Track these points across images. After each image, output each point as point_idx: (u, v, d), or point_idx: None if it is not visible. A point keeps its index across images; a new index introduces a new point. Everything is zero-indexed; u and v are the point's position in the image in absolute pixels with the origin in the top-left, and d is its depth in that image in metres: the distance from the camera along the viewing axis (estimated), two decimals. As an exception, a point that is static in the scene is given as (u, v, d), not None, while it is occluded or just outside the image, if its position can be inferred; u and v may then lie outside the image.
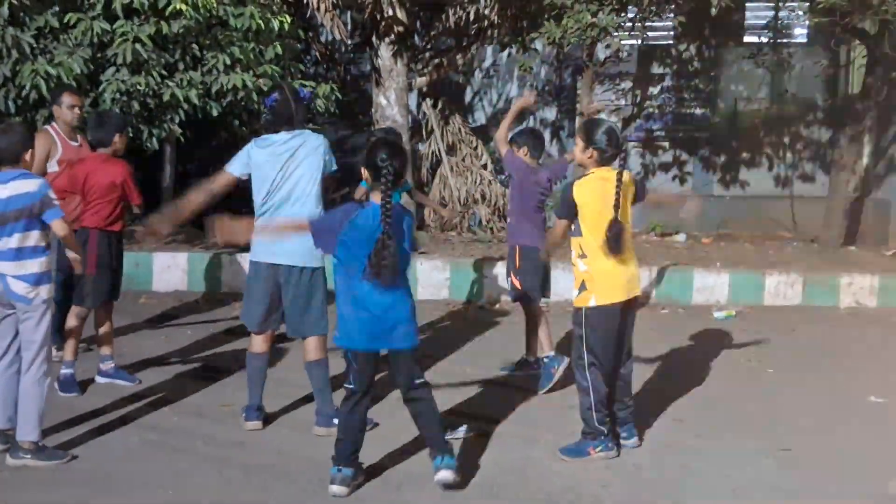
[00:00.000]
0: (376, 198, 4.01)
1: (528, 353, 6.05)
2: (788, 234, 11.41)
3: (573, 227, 4.58)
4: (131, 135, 7.52)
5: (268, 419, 4.97)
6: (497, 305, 8.31)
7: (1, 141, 4.26)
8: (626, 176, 4.57)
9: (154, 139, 7.69)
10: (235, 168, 4.88)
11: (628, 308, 4.64)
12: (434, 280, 8.44)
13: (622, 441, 4.72)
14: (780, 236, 11.38)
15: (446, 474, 4.05)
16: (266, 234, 4.66)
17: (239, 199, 5.28)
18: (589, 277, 4.53)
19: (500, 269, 8.43)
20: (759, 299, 8.60)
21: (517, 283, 5.83)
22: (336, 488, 4.06)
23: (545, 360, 5.75)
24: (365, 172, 4.09)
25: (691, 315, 8.16)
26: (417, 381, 4.14)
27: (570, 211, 4.56)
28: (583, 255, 4.55)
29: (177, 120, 7.64)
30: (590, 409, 4.52)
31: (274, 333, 5.03)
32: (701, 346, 7.02)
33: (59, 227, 4.34)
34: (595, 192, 4.52)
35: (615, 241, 4.46)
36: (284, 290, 4.78)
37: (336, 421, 4.59)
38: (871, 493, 4.31)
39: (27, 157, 4.34)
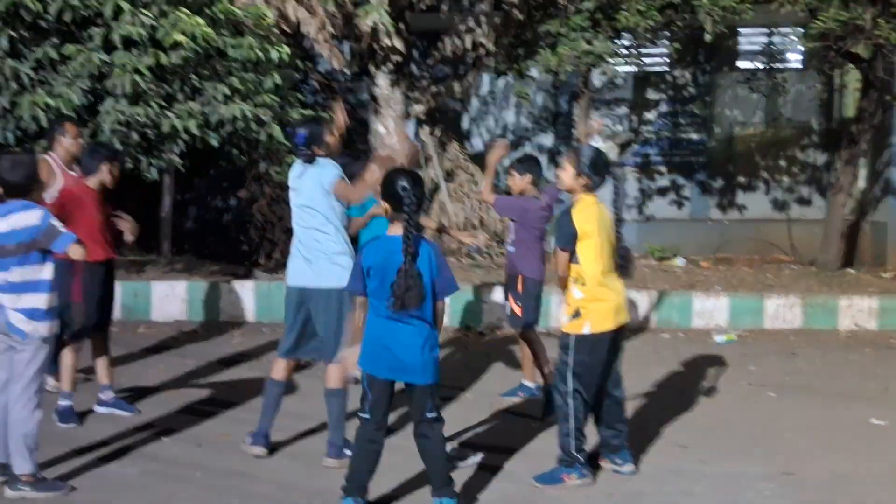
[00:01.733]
0: (397, 228, 4.01)
1: (543, 378, 5.98)
2: (786, 258, 11.43)
3: (570, 254, 4.58)
4: (130, 165, 7.56)
5: (272, 449, 4.94)
6: (497, 332, 8.30)
7: (12, 174, 4.24)
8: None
9: (153, 169, 7.70)
10: None
11: (618, 335, 4.66)
12: (433, 306, 8.43)
13: (617, 468, 4.70)
14: (778, 259, 11.40)
15: None
16: None
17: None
18: (584, 305, 4.54)
19: (499, 295, 8.43)
20: (758, 323, 8.60)
21: (518, 311, 5.83)
22: None
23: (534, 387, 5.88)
24: (385, 204, 4.09)
25: (691, 339, 8.15)
26: (429, 416, 4.05)
27: (572, 240, 4.55)
28: (581, 283, 4.56)
29: (176, 150, 7.66)
30: (567, 435, 4.51)
31: (295, 363, 5.02)
32: (701, 370, 7.00)
33: (75, 252, 4.25)
34: (592, 218, 4.55)
35: (627, 266, 4.61)
36: (315, 314, 4.79)
37: (347, 452, 4.59)
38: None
39: (36, 188, 4.35)
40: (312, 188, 4.80)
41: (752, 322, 8.58)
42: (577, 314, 4.55)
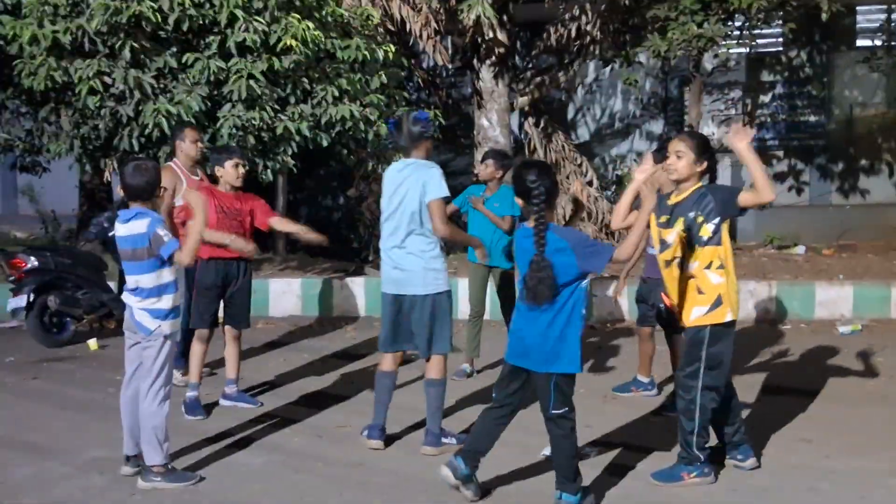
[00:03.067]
0: (530, 221, 4.04)
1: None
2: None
3: (713, 234, 4.32)
4: (247, 166, 7.82)
5: (387, 440, 5.04)
6: (608, 325, 8.19)
7: (135, 178, 4.40)
8: None
9: (269, 171, 7.94)
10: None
11: None
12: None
13: (739, 463, 4.56)
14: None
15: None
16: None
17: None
18: (725, 291, 4.32)
19: (611, 289, 8.32)
20: (885, 312, 8.19)
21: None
22: (445, 471, 4.14)
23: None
24: (519, 200, 4.12)
25: (815, 331, 7.84)
26: (553, 413, 4.03)
27: (728, 217, 4.33)
28: (719, 266, 4.34)
29: (289, 152, 7.87)
30: (692, 432, 4.35)
31: (402, 355, 5.10)
32: (826, 363, 6.73)
33: (178, 258, 4.39)
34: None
35: None
36: (410, 314, 4.88)
37: (445, 441, 4.87)
38: None
39: (159, 193, 4.53)
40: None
41: (878, 311, 8.19)
42: (718, 302, 4.32)
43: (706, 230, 4.31)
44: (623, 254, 4.08)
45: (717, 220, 4.30)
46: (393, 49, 8.28)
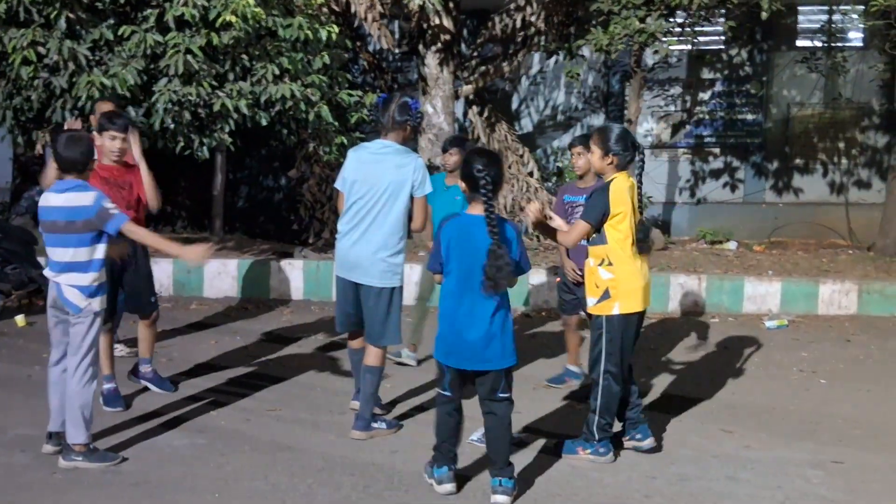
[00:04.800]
0: (477, 209, 4.05)
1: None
2: (843, 242, 11.17)
3: (595, 235, 4.56)
4: (182, 144, 7.68)
5: (315, 424, 5.01)
6: (543, 314, 8.27)
7: (69, 150, 4.32)
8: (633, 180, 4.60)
9: (205, 148, 7.82)
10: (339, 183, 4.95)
11: (643, 316, 4.70)
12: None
13: (637, 443, 4.74)
14: (835, 244, 11.14)
15: (503, 499, 4.06)
16: None
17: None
18: (613, 285, 4.54)
19: (545, 278, 8.40)
20: (812, 308, 8.43)
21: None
22: (448, 486, 4.14)
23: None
24: (462, 184, 4.13)
25: (742, 324, 8.03)
26: (501, 395, 4.09)
27: (600, 219, 4.52)
28: (607, 263, 4.55)
29: (227, 129, 7.75)
30: (593, 411, 4.59)
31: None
32: (751, 355, 6.90)
33: (130, 231, 4.35)
34: (626, 199, 4.51)
35: (645, 240, 4.62)
36: (364, 302, 4.88)
37: (375, 426, 4.86)
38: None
39: (93, 165, 4.43)
40: None
41: (805, 308, 8.41)
42: (606, 295, 4.55)
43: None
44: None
45: (589, 220, 4.54)
46: (336, 30, 8.20)
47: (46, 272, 4.44)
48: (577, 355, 6.00)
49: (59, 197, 4.34)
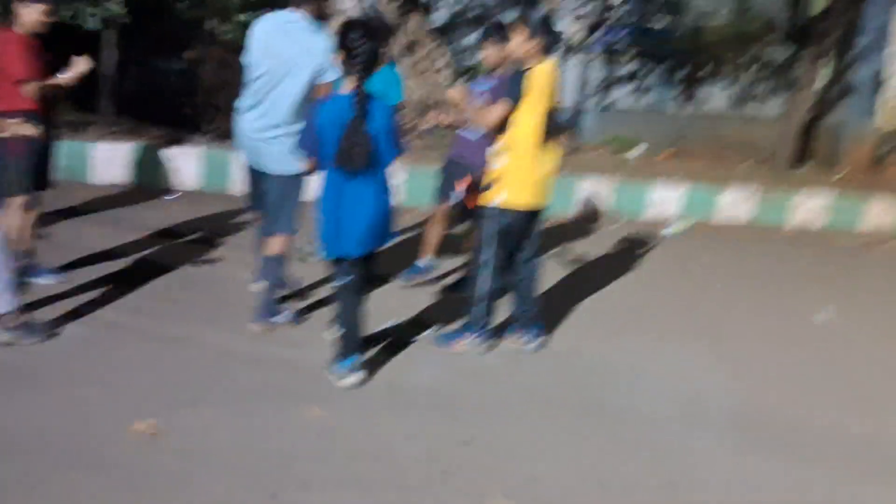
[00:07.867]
0: (350, 84, 3.78)
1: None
2: (742, 154, 11.40)
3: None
4: (71, 13, 7.05)
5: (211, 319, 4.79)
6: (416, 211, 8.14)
7: None
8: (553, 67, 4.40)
9: (97, 18, 7.19)
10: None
11: (536, 215, 4.54)
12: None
13: (526, 345, 4.70)
14: (734, 155, 11.37)
15: (356, 378, 4.06)
16: None
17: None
18: (504, 174, 4.38)
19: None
20: (709, 216, 8.60)
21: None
22: (356, 376, 4.05)
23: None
24: (336, 57, 3.83)
25: (642, 229, 8.13)
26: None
27: (517, 100, 4.30)
28: (506, 149, 4.38)
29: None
30: (469, 304, 4.53)
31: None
32: (650, 259, 7.01)
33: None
34: (543, 84, 4.33)
35: (554, 130, 4.39)
36: (263, 185, 4.68)
37: (273, 320, 4.69)
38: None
39: None
40: None
41: (703, 215, 8.58)
42: (494, 184, 4.41)
43: None
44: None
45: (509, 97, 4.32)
46: None
47: None
48: (431, 248, 5.79)
49: None
